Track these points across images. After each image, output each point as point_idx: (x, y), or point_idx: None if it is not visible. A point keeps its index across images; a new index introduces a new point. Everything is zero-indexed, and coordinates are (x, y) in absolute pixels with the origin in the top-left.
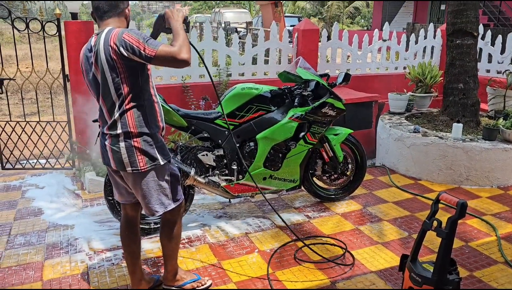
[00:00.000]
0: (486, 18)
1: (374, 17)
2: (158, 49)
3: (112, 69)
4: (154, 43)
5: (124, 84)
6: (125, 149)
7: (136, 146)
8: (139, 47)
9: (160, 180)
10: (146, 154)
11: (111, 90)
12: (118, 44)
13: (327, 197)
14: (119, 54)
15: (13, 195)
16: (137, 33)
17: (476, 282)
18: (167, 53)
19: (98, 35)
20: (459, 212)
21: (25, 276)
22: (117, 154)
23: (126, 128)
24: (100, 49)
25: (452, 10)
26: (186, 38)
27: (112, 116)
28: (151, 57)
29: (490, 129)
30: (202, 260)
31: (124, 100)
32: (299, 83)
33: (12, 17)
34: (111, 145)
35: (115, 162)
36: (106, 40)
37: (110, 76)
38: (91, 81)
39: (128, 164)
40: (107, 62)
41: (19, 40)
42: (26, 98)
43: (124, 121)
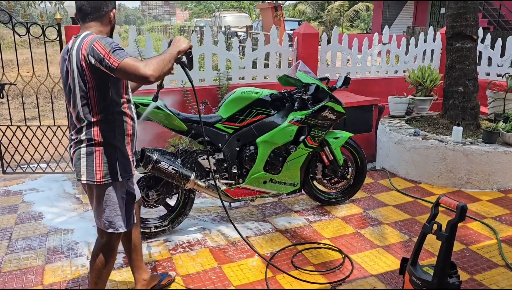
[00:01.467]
0: (486, 21)
1: (374, 21)
2: (123, 60)
3: (81, 77)
4: (121, 54)
5: (91, 94)
6: (86, 157)
7: (96, 156)
8: (104, 56)
9: (115, 197)
10: (106, 167)
11: (77, 97)
12: (87, 52)
13: (327, 200)
14: (87, 62)
15: (14, 200)
16: (108, 41)
17: (476, 285)
18: (131, 67)
19: (76, 38)
20: (459, 215)
21: (25, 281)
22: (77, 160)
23: (90, 137)
24: (73, 54)
25: (452, 13)
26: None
27: (78, 123)
28: (114, 67)
29: (490, 132)
30: (202, 264)
31: (91, 110)
32: (299, 86)
33: (13, 22)
34: (73, 151)
35: (75, 168)
36: (79, 46)
37: (78, 84)
38: (64, 84)
39: (84, 173)
40: (77, 69)
41: (20, 45)
42: (27, 103)
43: (89, 130)
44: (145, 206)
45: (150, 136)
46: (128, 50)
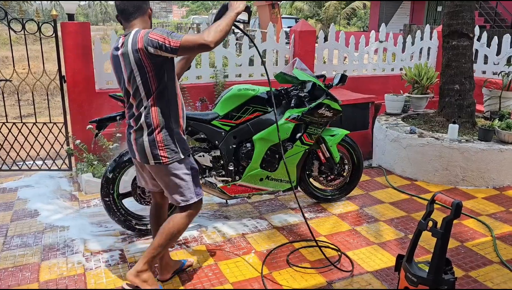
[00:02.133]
0: (482, 19)
1: (371, 19)
2: (182, 39)
3: (140, 68)
4: (177, 35)
5: (151, 82)
6: (148, 142)
7: (158, 139)
8: (164, 42)
9: (181, 173)
10: (168, 148)
11: (140, 87)
12: (145, 44)
13: (323, 198)
14: (147, 53)
15: (10, 197)
16: (161, 30)
17: (471, 282)
18: (191, 41)
19: (126, 36)
20: (454, 212)
21: (21, 278)
22: (141, 147)
23: (150, 122)
24: (128, 50)
25: (448, 11)
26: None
27: (139, 110)
28: (176, 48)
29: (486, 130)
30: (199, 261)
31: (151, 96)
32: (296, 84)
33: (8, 18)
34: (136, 139)
35: (139, 155)
36: (134, 41)
37: (139, 75)
38: (120, 79)
39: (151, 157)
40: (136, 62)
41: (16, 41)
42: (23, 100)
43: (148, 116)
44: (141, 203)
45: None
46: None
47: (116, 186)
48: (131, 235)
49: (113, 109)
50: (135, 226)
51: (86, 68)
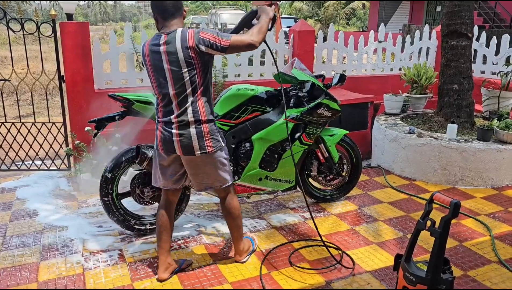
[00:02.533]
0: (481, 19)
1: (370, 19)
2: (231, 39)
3: (189, 65)
4: (225, 35)
5: (198, 78)
6: (196, 134)
7: (205, 131)
8: (215, 41)
9: (222, 159)
10: (213, 138)
11: (187, 83)
12: (197, 42)
13: (322, 197)
14: (198, 51)
15: (8, 197)
16: (210, 30)
17: (470, 281)
18: (239, 41)
19: (169, 34)
20: (452, 212)
21: (20, 277)
22: (186, 140)
23: (197, 116)
24: (177, 47)
25: (447, 11)
26: (264, 29)
27: (183, 106)
28: (226, 46)
29: (484, 129)
30: (197, 260)
31: (197, 91)
32: (295, 84)
33: (7, 18)
34: (179, 132)
35: (181, 148)
36: (184, 39)
37: (188, 72)
38: (159, 75)
39: (197, 148)
40: (185, 59)
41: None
42: (22, 100)
43: (196, 110)
44: (140, 203)
45: (145, 133)
46: (124, 47)
47: (115, 186)
48: (130, 235)
49: (112, 109)
50: (134, 226)
51: (85, 68)
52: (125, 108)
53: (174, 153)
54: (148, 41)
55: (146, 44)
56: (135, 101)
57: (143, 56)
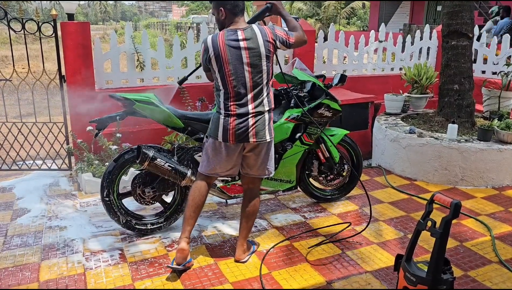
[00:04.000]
0: (482, 19)
1: (370, 18)
2: (294, 36)
3: (267, 59)
4: (290, 33)
5: (270, 69)
6: (268, 122)
7: (271, 118)
8: (287, 38)
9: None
10: (273, 126)
11: (264, 75)
12: (275, 38)
13: (323, 197)
14: (275, 46)
15: (9, 196)
16: (280, 28)
17: (470, 281)
18: (300, 38)
19: (245, 30)
20: (453, 212)
21: (21, 277)
22: (262, 127)
23: (270, 105)
24: (259, 42)
25: (448, 11)
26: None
27: (260, 96)
28: (292, 43)
29: (485, 130)
30: (198, 260)
31: (269, 82)
32: (296, 84)
33: (8, 18)
34: (255, 120)
35: (255, 135)
36: (264, 34)
37: (266, 65)
38: (236, 68)
39: (268, 134)
40: (265, 52)
41: (15, 41)
42: (23, 99)
43: (269, 99)
44: (141, 203)
45: (146, 133)
46: (125, 46)
47: (116, 186)
48: (131, 234)
49: (113, 109)
50: (135, 226)
51: (86, 67)
52: (126, 108)
53: (246, 142)
54: (220, 35)
55: (220, 40)
56: (136, 101)
57: (216, 51)
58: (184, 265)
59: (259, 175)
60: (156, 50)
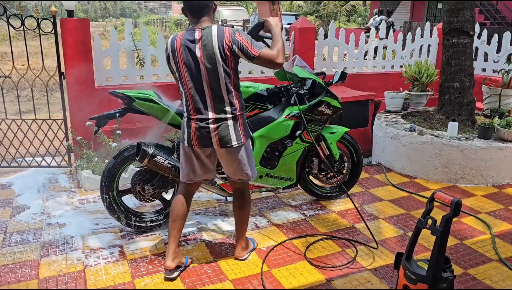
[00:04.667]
0: (483, 16)
1: (371, 16)
2: (261, 51)
3: (224, 63)
4: (258, 45)
5: (232, 76)
6: (233, 127)
7: (240, 122)
8: (247, 47)
9: (250, 149)
10: (244, 130)
11: (222, 81)
12: (232, 42)
13: (323, 195)
14: (231, 50)
15: (9, 193)
16: (245, 35)
17: (470, 279)
18: (268, 56)
19: (204, 30)
20: (454, 210)
21: (21, 274)
22: (225, 132)
23: (234, 111)
24: (213, 44)
25: (448, 9)
26: (284, 46)
27: (219, 102)
28: (255, 56)
29: (485, 127)
30: (198, 258)
31: (231, 88)
32: (296, 81)
33: (7, 14)
34: (216, 126)
35: (219, 141)
36: (220, 36)
37: (222, 68)
38: (191, 70)
39: (234, 140)
40: (221, 56)
41: (15, 37)
42: (22, 96)
43: (233, 106)
44: (141, 200)
45: (146, 131)
46: (125, 43)
47: (116, 183)
48: (131, 232)
49: (113, 106)
50: (134, 223)
51: (85, 64)
52: (126, 105)
53: (211, 148)
54: (179, 36)
55: (177, 40)
56: (136, 98)
57: (173, 52)
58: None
59: (238, 179)
60: (156, 47)
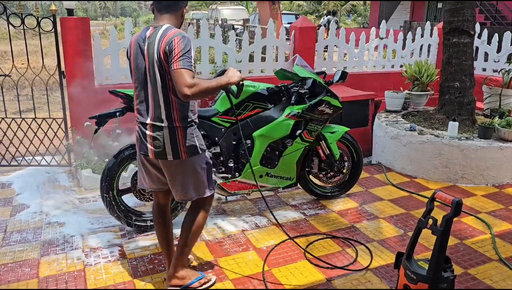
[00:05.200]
0: (483, 16)
1: (371, 15)
2: (182, 69)
3: (160, 65)
4: (187, 62)
5: (169, 81)
6: (169, 138)
7: (179, 134)
8: (175, 56)
9: (197, 167)
10: (188, 143)
11: (158, 84)
12: (167, 44)
13: (323, 194)
14: (165, 53)
15: (9, 192)
16: (186, 45)
17: (470, 279)
18: (180, 78)
19: (156, 29)
20: (454, 210)
21: (21, 273)
22: (159, 143)
23: (171, 119)
24: (155, 43)
25: (449, 8)
26: (209, 89)
27: (158, 107)
28: (172, 69)
29: (485, 127)
30: (198, 257)
31: (169, 94)
32: (296, 81)
33: (7, 13)
34: (152, 135)
35: (154, 151)
36: (161, 36)
37: (158, 71)
38: (138, 69)
39: (170, 153)
40: (158, 57)
41: (15, 36)
42: (22, 95)
43: (169, 113)
44: (141, 199)
45: None
46: (125, 42)
47: (116, 182)
48: (131, 231)
49: (113, 105)
50: (134, 222)
51: (85, 63)
52: (126, 104)
53: (147, 155)
54: (138, 33)
55: (134, 36)
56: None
57: (129, 48)
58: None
59: (179, 198)
60: None
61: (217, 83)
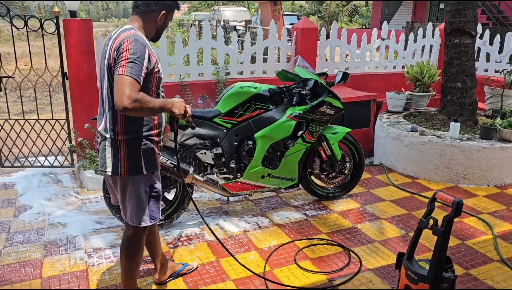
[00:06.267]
0: (485, 17)
1: (373, 16)
2: (126, 75)
3: (110, 71)
4: (131, 70)
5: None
6: (110, 150)
7: (121, 152)
8: (122, 57)
9: (140, 190)
10: (130, 160)
11: (108, 91)
12: (117, 47)
13: (325, 195)
14: (114, 56)
15: (12, 193)
16: (136, 50)
17: (472, 280)
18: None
19: (118, 30)
20: (455, 211)
21: (24, 273)
22: (102, 153)
23: (114, 131)
24: (109, 45)
25: (451, 9)
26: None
27: (104, 116)
28: (116, 74)
29: (487, 128)
30: (200, 257)
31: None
32: (298, 82)
33: (10, 15)
34: (100, 142)
35: (99, 161)
36: (114, 39)
37: (108, 78)
38: (100, 71)
39: (109, 166)
40: (108, 62)
41: (18, 38)
42: (25, 96)
43: (113, 122)
44: None
45: None
46: None
47: None
48: None
49: None
50: None
51: (88, 65)
52: None
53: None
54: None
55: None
56: None
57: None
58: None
59: (126, 219)
60: (158, 48)
61: (160, 105)
